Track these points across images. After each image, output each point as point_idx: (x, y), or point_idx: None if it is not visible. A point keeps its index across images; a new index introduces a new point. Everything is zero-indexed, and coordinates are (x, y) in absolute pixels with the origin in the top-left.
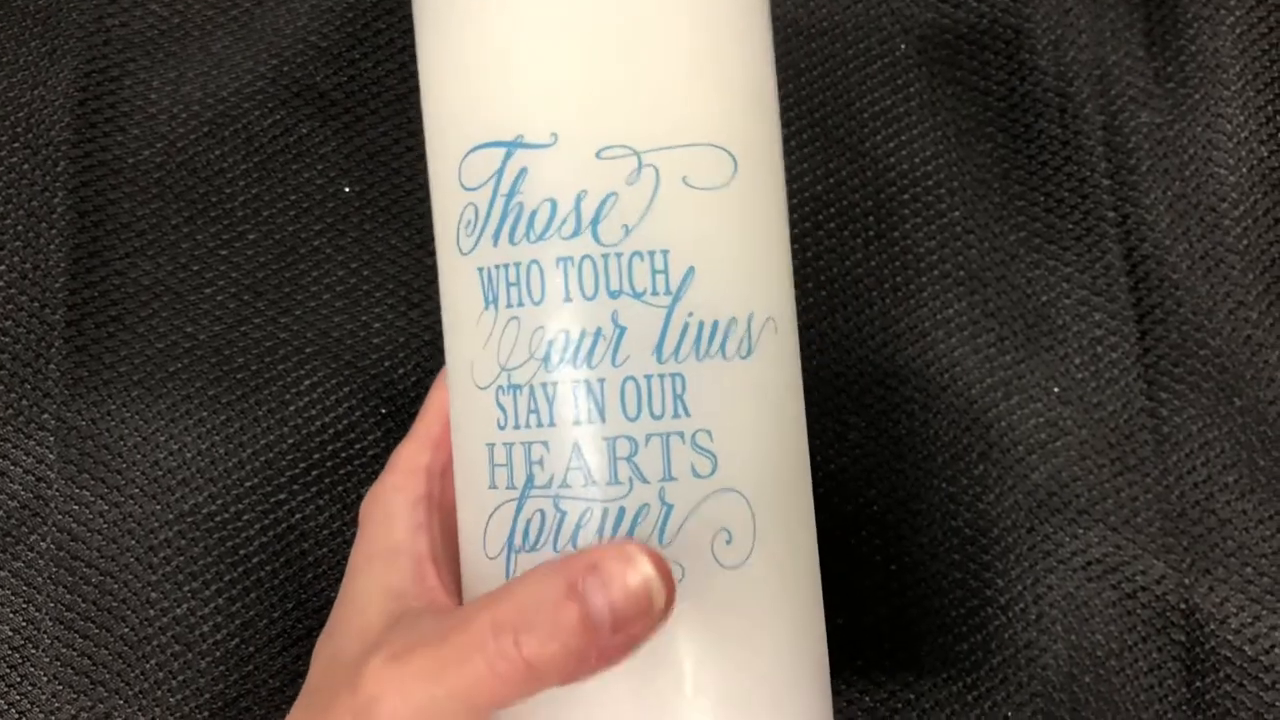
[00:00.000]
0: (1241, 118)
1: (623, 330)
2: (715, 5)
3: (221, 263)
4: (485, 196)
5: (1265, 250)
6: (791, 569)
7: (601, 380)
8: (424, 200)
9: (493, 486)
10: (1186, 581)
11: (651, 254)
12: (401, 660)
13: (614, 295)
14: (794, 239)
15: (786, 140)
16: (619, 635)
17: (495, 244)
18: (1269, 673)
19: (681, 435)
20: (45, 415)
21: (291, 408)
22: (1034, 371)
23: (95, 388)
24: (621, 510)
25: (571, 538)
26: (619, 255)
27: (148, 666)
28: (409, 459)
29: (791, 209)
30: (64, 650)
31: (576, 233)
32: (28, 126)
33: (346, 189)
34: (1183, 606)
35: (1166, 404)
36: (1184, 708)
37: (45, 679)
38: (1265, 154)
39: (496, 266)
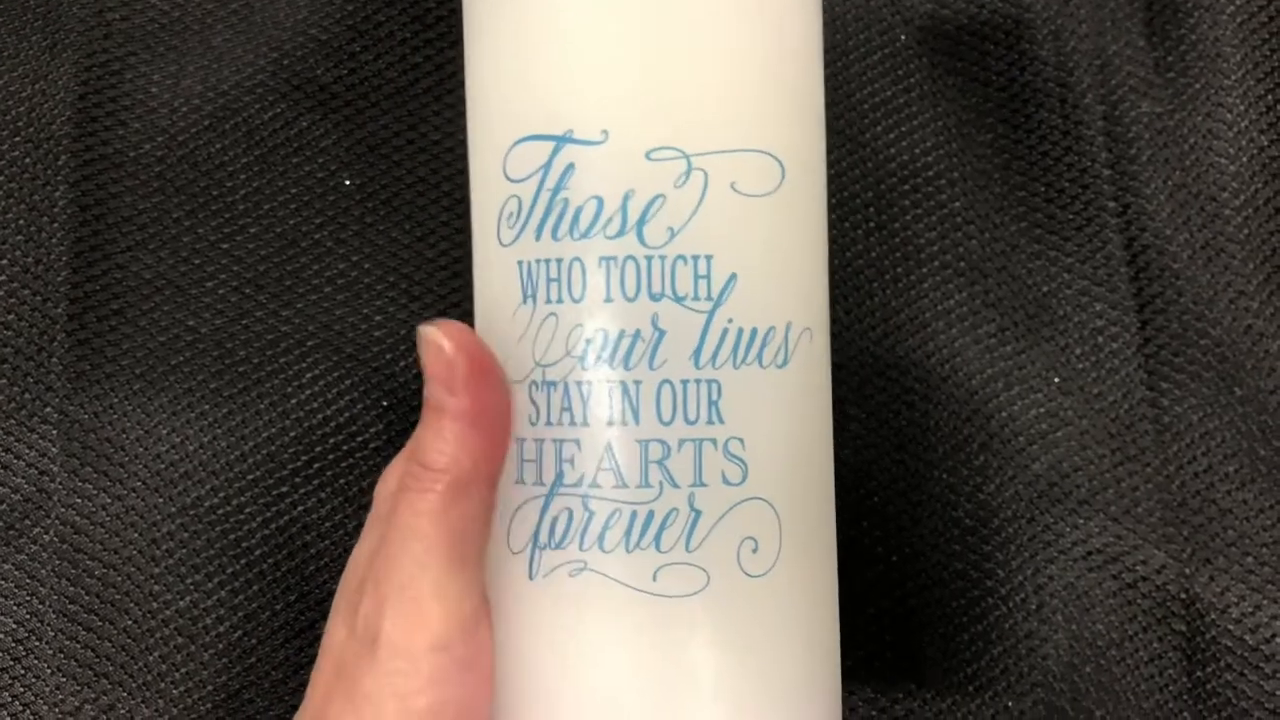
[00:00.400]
0: (1242, 107)
1: (662, 334)
2: (773, 14)
3: (223, 256)
4: (530, 189)
5: (1266, 240)
6: (813, 580)
7: (638, 382)
8: (424, 194)
9: (520, 481)
10: (1187, 571)
11: (695, 259)
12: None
13: (655, 298)
14: None
15: None
16: (438, 387)
17: (538, 238)
18: (1269, 662)
19: (714, 442)
20: (48, 409)
21: (293, 401)
22: (1035, 362)
23: (97, 381)
24: (650, 513)
25: (599, 538)
26: (663, 258)
27: (151, 659)
28: None
29: None
30: (67, 643)
31: (621, 232)
32: (29, 121)
33: (347, 182)
34: (1183, 596)
35: (1167, 394)
36: (1184, 697)
37: (49, 671)
38: (1265, 143)
39: (537, 261)
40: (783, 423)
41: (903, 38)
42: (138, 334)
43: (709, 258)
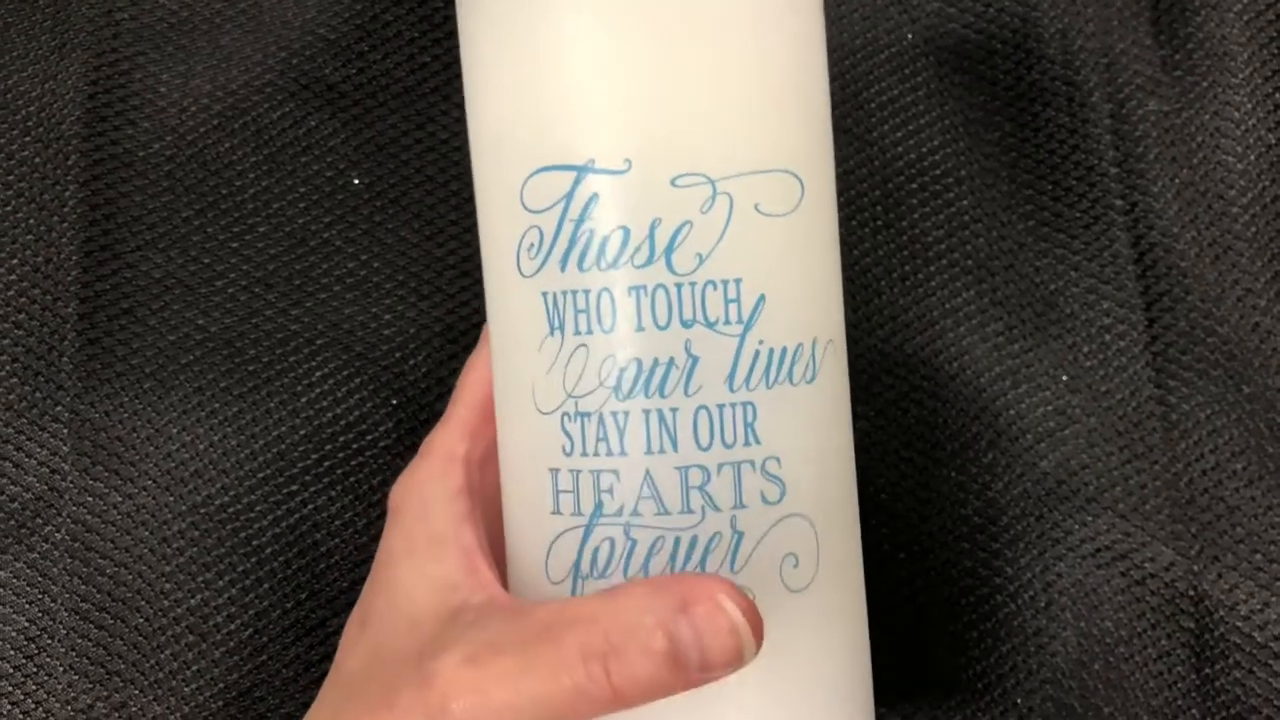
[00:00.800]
0: (1249, 105)
1: (696, 360)
2: (785, 32)
3: (232, 255)
4: (552, 220)
5: (1273, 237)
6: (848, 589)
7: (674, 410)
8: (433, 192)
9: (556, 512)
10: (1195, 568)
11: (725, 283)
12: (481, 664)
13: (687, 325)
14: None
15: None
16: (705, 675)
17: (563, 269)
18: (1278, 659)
19: (752, 464)
20: (59, 408)
21: (303, 399)
22: (1042, 360)
23: (108, 380)
24: (694, 539)
25: (643, 566)
26: (693, 284)
27: (162, 657)
28: (445, 446)
29: None
30: (79, 641)
31: (650, 261)
32: (39, 120)
33: (356, 181)
34: (1191, 593)
35: (1175, 391)
36: (1193, 694)
37: (61, 669)
38: (1273, 141)
39: (564, 292)
40: (815, 438)
41: (909, 36)
42: (148, 333)
43: (738, 281)
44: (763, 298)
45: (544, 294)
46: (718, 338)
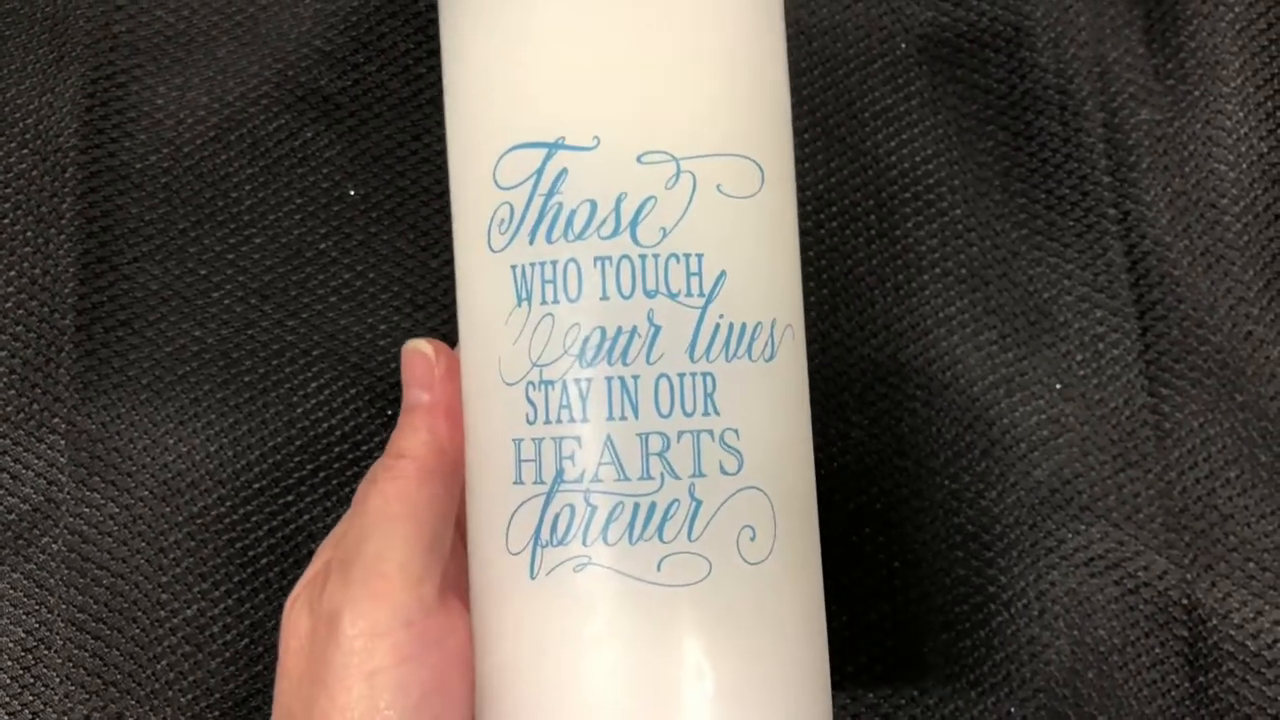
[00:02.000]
0: (1241, 114)
1: (658, 329)
2: (749, 23)
3: (228, 266)
4: (523, 195)
5: (1265, 246)
6: (805, 566)
7: (636, 377)
8: (428, 204)
9: (518, 482)
10: (1188, 577)
11: (687, 256)
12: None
13: (650, 295)
14: None
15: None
16: (415, 387)
17: (531, 242)
18: (1271, 667)
19: (711, 433)
20: (56, 419)
21: (299, 410)
22: (1036, 368)
23: (105, 391)
24: (653, 505)
25: (602, 532)
26: (656, 256)
27: (159, 667)
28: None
29: None
30: (76, 651)
31: (615, 233)
32: (36, 133)
33: (352, 192)
34: (1185, 602)
35: (1168, 400)
36: (1186, 702)
37: (58, 679)
38: (1265, 150)
39: (532, 264)
40: (772, 414)
41: (903, 46)
42: (145, 344)
43: (700, 256)
44: (724, 273)
45: (513, 267)
46: (680, 309)
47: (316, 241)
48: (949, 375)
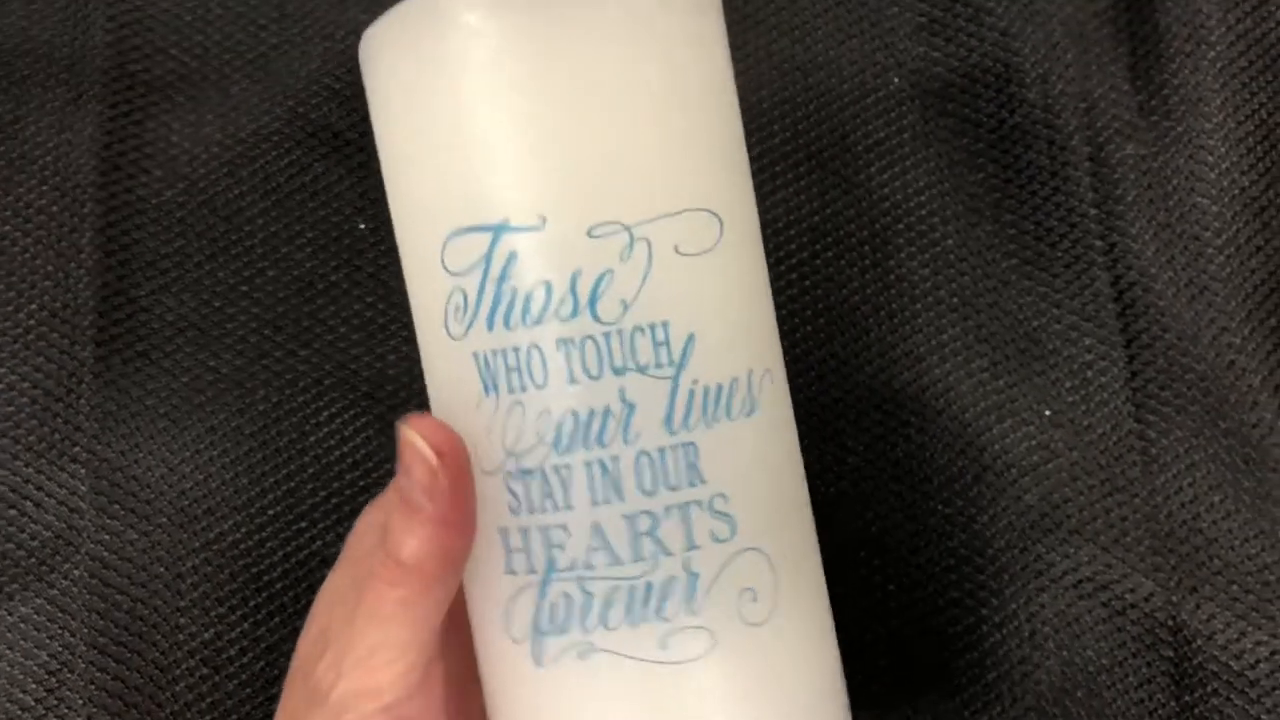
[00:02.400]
0: (1223, 149)
1: (632, 406)
2: (688, 75)
3: (242, 298)
4: (474, 281)
5: (1248, 278)
6: (811, 617)
7: (615, 458)
8: None
9: (510, 571)
10: (1174, 599)
11: (652, 326)
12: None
13: (619, 372)
14: (791, 269)
15: (784, 173)
16: (421, 496)
17: (490, 328)
18: (1254, 687)
19: (699, 503)
20: (77, 448)
21: (311, 438)
22: (1026, 395)
23: (124, 421)
24: (649, 585)
25: (601, 617)
26: (620, 332)
27: (177, 689)
28: None
29: (789, 239)
30: (98, 674)
31: (575, 313)
32: (56, 169)
33: (361, 226)
34: (1171, 623)
35: (1154, 426)
36: None
37: (81, 702)
38: (1246, 184)
39: (494, 351)
40: (761, 469)
41: (895, 81)
42: (162, 375)
43: (665, 324)
44: (692, 337)
45: (475, 355)
46: (651, 382)
47: (328, 274)
48: (941, 402)
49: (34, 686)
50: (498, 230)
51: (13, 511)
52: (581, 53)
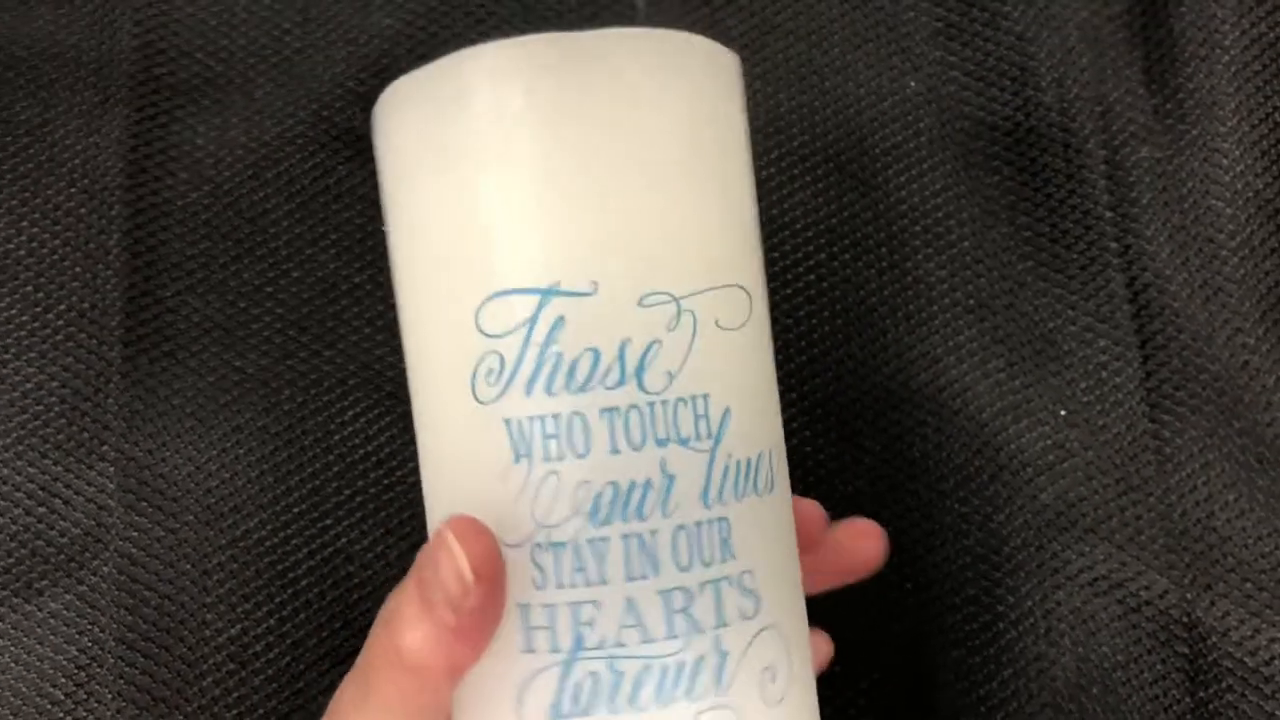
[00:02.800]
0: (1238, 153)
1: (672, 478)
2: (725, 145)
3: (267, 299)
4: (514, 345)
5: (1261, 279)
6: (811, 696)
7: (654, 532)
8: None
9: (529, 650)
10: (1189, 596)
11: (694, 399)
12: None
13: (661, 444)
14: (809, 270)
15: (802, 176)
16: (449, 608)
17: (528, 394)
18: (1269, 683)
19: (729, 579)
20: (105, 447)
21: (335, 437)
22: (1041, 395)
23: (151, 420)
24: (681, 664)
25: (631, 698)
26: (665, 403)
27: (205, 684)
28: None
29: (806, 241)
30: (126, 669)
31: (621, 382)
32: (83, 172)
33: (384, 227)
34: (1185, 620)
35: (1169, 426)
36: (1188, 717)
37: (110, 696)
38: (1260, 187)
39: (530, 418)
40: (779, 546)
41: (912, 84)
42: (188, 375)
43: (705, 397)
44: (728, 410)
45: (507, 421)
46: (691, 454)
47: (351, 275)
48: (958, 402)
49: (63, 681)
50: (546, 294)
51: (42, 509)
52: (634, 123)
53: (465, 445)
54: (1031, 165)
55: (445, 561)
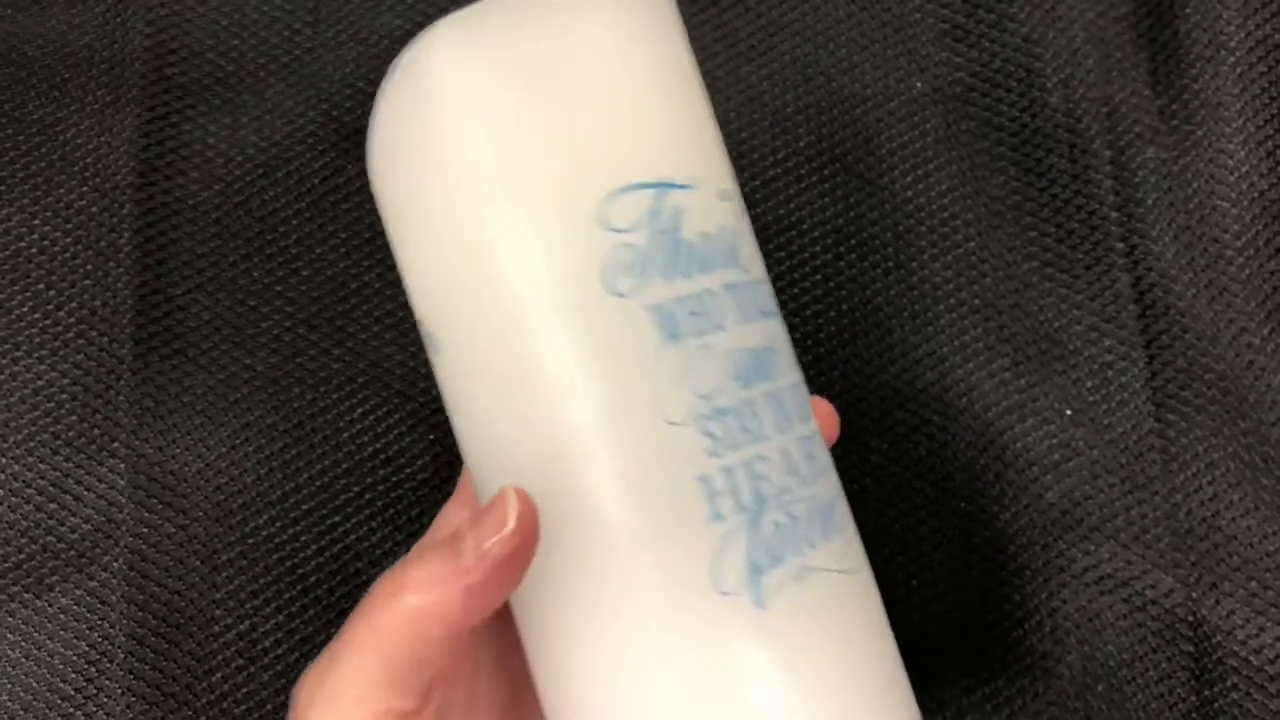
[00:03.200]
0: (1243, 153)
1: (773, 347)
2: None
3: (277, 298)
4: (644, 236)
5: (1266, 280)
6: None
7: (779, 389)
8: None
9: (717, 517)
10: (1194, 595)
11: (764, 280)
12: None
13: (764, 315)
14: (816, 270)
15: (809, 176)
16: (480, 563)
17: (667, 279)
18: (1274, 681)
19: (816, 432)
20: (115, 444)
21: (344, 435)
22: (1047, 394)
23: (161, 417)
24: (823, 499)
25: (807, 537)
26: (755, 282)
27: (213, 680)
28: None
29: (813, 241)
30: (136, 664)
31: (731, 263)
32: (95, 171)
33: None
34: (1190, 619)
35: (1174, 425)
36: (1193, 715)
37: (119, 691)
38: (1265, 187)
39: (675, 300)
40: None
41: (918, 85)
42: (198, 372)
43: (766, 279)
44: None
45: (650, 307)
46: (779, 326)
47: (360, 274)
48: (964, 401)
49: (74, 676)
50: (662, 188)
51: (53, 505)
52: (684, 56)
53: (605, 338)
54: (1037, 166)
55: (495, 513)
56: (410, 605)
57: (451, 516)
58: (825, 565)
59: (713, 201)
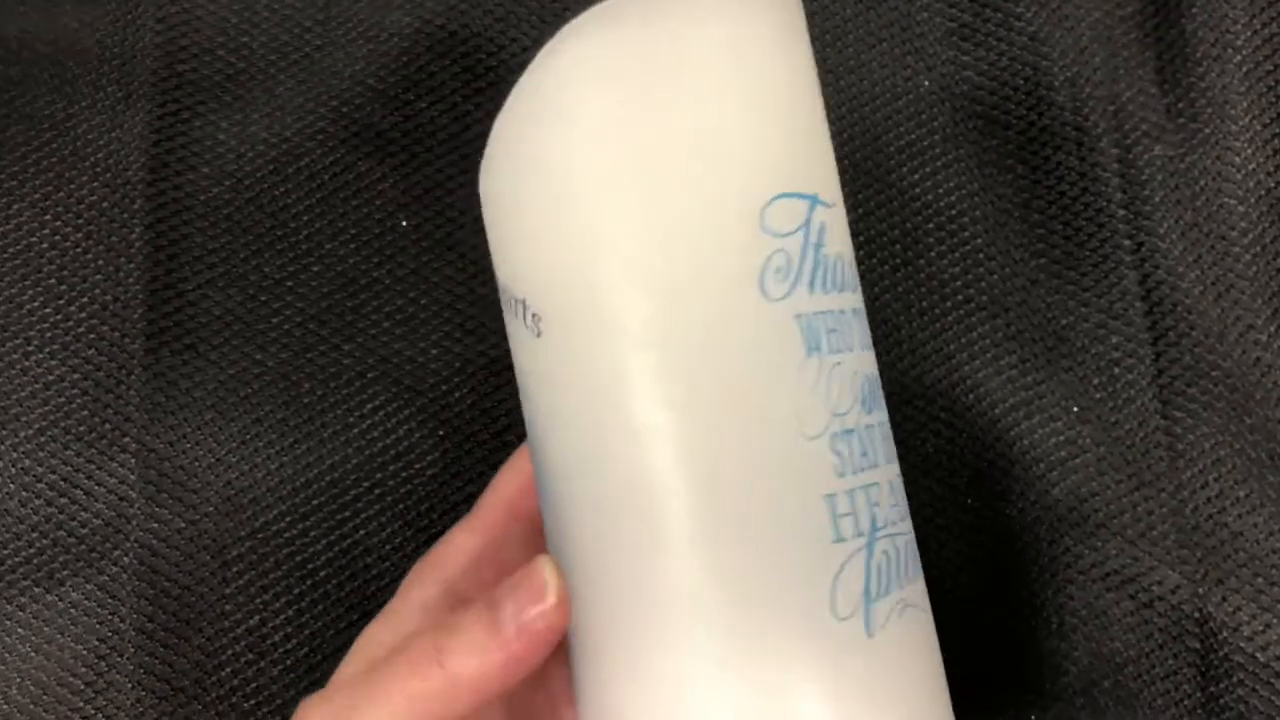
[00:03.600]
0: (1249, 151)
1: (878, 379)
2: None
3: (287, 293)
4: (797, 244)
5: (1273, 277)
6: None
7: (885, 421)
8: (477, 233)
9: (840, 539)
10: (1200, 591)
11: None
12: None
13: (869, 348)
14: None
15: None
16: (521, 634)
17: (811, 291)
18: None
19: (898, 476)
20: (126, 439)
21: (355, 430)
22: (1054, 392)
23: (172, 412)
24: (912, 541)
25: (907, 572)
26: (863, 312)
27: (223, 674)
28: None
29: None
30: (146, 659)
31: (855, 288)
32: (106, 166)
33: (404, 223)
34: (1197, 615)
35: (1180, 422)
36: (1199, 711)
37: (129, 685)
38: (1272, 185)
39: (816, 313)
40: None
41: (926, 84)
42: (209, 367)
43: (860, 309)
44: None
45: (798, 316)
46: (873, 358)
47: (370, 270)
48: (971, 398)
49: (83, 670)
50: (813, 200)
51: (63, 500)
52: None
53: (749, 341)
54: (1045, 164)
55: (532, 581)
56: (450, 672)
57: (461, 542)
58: (917, 603)
59: (844, 224)
